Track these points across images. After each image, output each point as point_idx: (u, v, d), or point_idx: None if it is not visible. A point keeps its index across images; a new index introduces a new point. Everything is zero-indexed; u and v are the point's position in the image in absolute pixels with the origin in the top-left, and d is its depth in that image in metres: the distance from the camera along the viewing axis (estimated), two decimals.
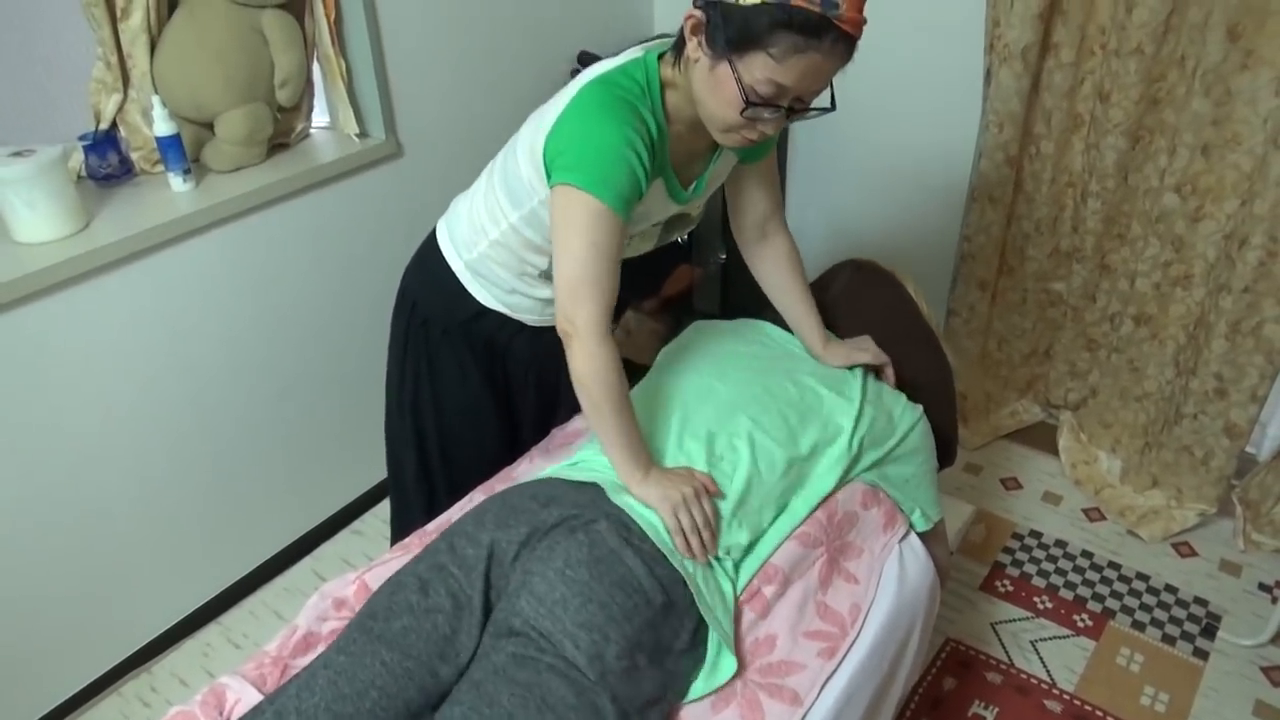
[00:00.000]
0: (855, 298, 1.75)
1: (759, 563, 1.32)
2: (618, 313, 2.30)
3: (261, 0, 1.82)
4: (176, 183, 1.83)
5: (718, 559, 1.28)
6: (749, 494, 1.33)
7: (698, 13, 1.16)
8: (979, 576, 2.17)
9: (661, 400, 1.45)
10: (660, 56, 1.28)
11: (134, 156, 1.88)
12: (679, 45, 1.23)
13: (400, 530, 1.72)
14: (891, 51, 2.42)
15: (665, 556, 1.21)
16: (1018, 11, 2.07)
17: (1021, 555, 2.23)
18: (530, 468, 1.63)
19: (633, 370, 2.41)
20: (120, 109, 1.84)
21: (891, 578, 1.42)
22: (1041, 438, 2.60)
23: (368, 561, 2.23)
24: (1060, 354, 2.54)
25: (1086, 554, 2.23)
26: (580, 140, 1.21)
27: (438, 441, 1.63)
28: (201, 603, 2.09)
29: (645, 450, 1.30)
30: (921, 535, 1.54)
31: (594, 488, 1.28)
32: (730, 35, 1.13)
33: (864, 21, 1.12)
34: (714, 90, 1.18)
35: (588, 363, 1.25)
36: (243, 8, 1.82)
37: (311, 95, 2.06)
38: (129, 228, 1.71)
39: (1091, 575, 2.16)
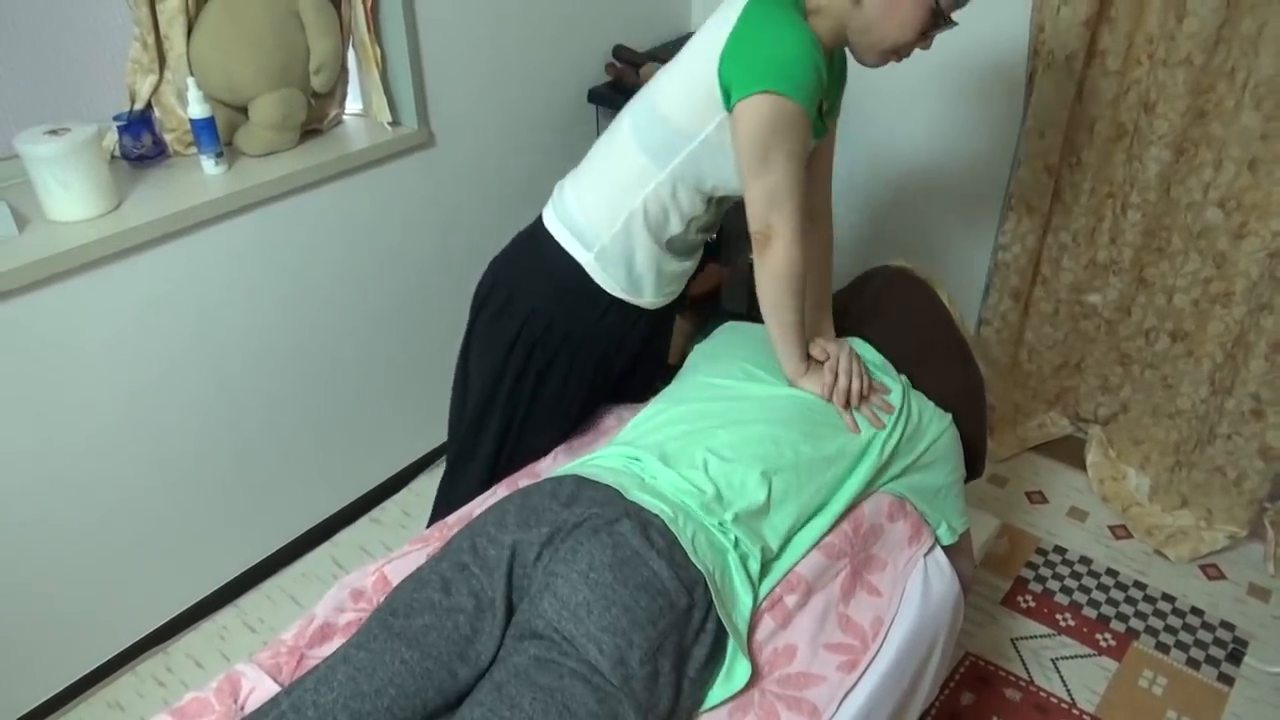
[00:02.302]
0: (888, 303, 1.72)
1: (783, 571, 1.31)
2: None
3: None
4: (208, 165, 1.82)
5: (745, 546, 1.26)
6: (781, 495, 1.31)
7: None
8: (1001, 591, 2.14)
9: (695, 403, 1.44)
10: None
11: (168, 138, 1.88)
12: None
13: (444, 506, 1.71)
14: (931, 53, 2.38)
15: (686, 554, 1.19)
16: (1063, 17, 2.03)
17: (1045, 571, 2.20)
18: (553, 464, 1.62)
19: (664, 370, 2.39)
20: (155, 90, 1.83)
21: (915, 592, 1.40)
22: (1069, 452, 2.56)
23: (386, 550, 2.25)
24: (1092, 367, 2.49)
25: (1111, 572, 2.19)
26: (768, 47, 1.25)
27: (517, 439, 1.62)
28: (219, 585, 2.09)
29: (806, 347, 1.45)
30: (947, 548, 1.52)
31: (610, 488, 1.26)
32: None
33: None
34: (894, 12, 1.28)
35: (785, 262, 1.35)
36: None
37: (346, 82, 2.05)
38: (160, 209, 1.71)
39: (1116, 594, 2.13)
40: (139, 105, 1.83)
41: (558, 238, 1.50)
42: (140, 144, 1.83)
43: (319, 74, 1.90)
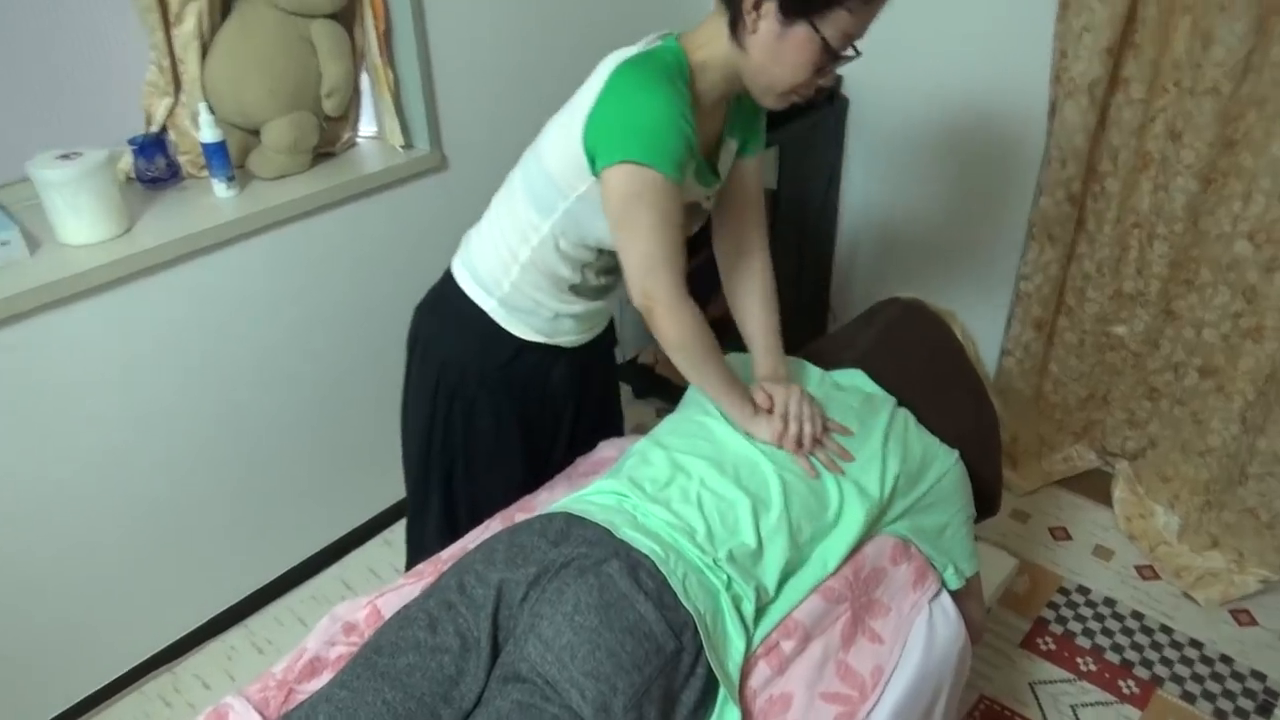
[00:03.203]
0: (899, 337, 1.68)
1: (779, 615, 1.27)
2: None
3: (312, 10, 1.82)
4: (220, 189, 1.83)
5: (738, 586, 1.22)
6: (772, 533, 1.28)
7: None
8: (1020, 632, 2.07)
9: (689, 438, 1.41)
10: (677, 39, 1.30)
11: (182, 160, 1.90)
12: (734, 23, 1.24)
13: (416, 553, 1.69)
14: (953, 79, 2.35)
15: (676, 596, 1.16)
16: (1086, 44, 1.98)
17: (1067, 611, 2.13)
18: (550, 497, 1.59)
19: (671, 392, 2.35)
20: (171, 113, 1.85)
21: (919, 639, 1.35)
22: (1095, 487, 2.49)
23: (396, 573, 2.24)
24: (1119, 400, 2.43)
25: (1137, 615, 2.12)
26: (627, 116, 1.22)
27: (466, 488, 1.60)
28: (228, 605, 2.09)
29: (747, 391, 1.40)
30: (954, 592, 1.47)
31: (601, 527, 1.24)
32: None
33: None
34: (784, 55, 1.22)
35: (677, 328, 1.30)
36: (293, 16, 1.82)
37: (359, 105, 2.06)
38: (170, 233, 1.72)
39: (1141, 638, 2.06)
40: (154, 128, 1.85)
41: (462, 285, 1.49)
42: (154, 166, 1.85)
43: (330, 97, 1.90)
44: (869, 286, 2.83)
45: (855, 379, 1.57)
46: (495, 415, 1.53)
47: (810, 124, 2.46)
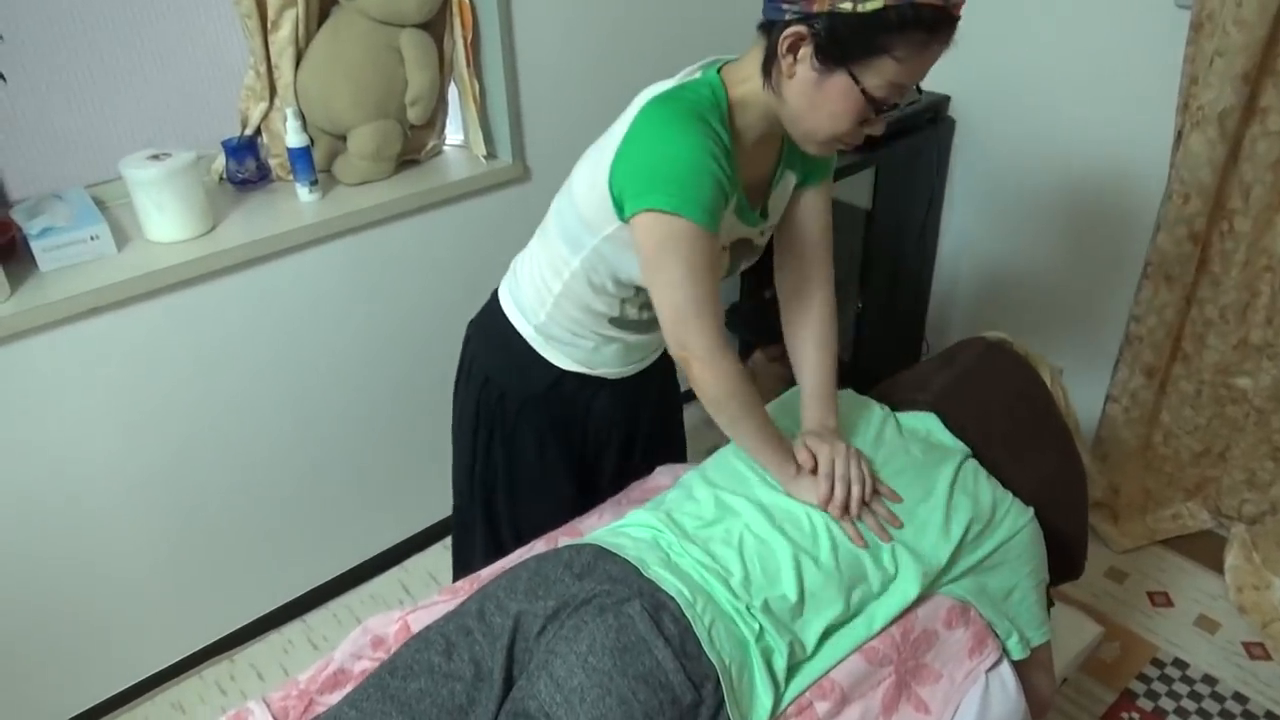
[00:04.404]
0: (979, 379, 1.56)
1: (816, 674, 1.19)
2: (745, 355, 2.18)
3: (401, 19, 1.84)
4: (303, 193, 1.87)
5: (771, 639, 1.15)
6: (818, 588, 1.20)
7: (799, 28, 1.08)
8: (1104, 704, 1.91)
9: (739, 476, 1.34)
10: (719, 71, 1.20)
11: (272, 163, 1.95)
12: (766, 64, 1.14)
13: (461, 570, 1.68)
14: (1068, 102, 2.19)
15: (699, 644, 1.10)
16: (1218, 69, 1.81)
17: (1159, 686, 1.95)
18: (597, 522, 1.55)
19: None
20: (265, 117, 1.90)
21: (971, 712, 1.24)
22: (1205, 550, 2.28)
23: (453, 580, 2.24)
24: (1238, 459, 2.22)
25: (1240, 697, 1.92)
26: (654, 159, 1.14)
27: (508, 512, 1.57)
28: (289, 599, 2.14)
29: (789, 448, 1.30)
30: (1018, 661, 1.35)
31: (628, 564, 1.19)
32: (848, 44, 1.06)
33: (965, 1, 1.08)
34: (822, 103, 1.12)
35: (715, 382, 1.22)
36: (383, 25, 1.84)
37: (445, 113, 2.07)
38: (251, 234, 1.77)
39: None
40: (249, 131, 1.90)
41: (505, 308, 1.46)
42: (244, 168, 1.90)
43: (414, 106, 1.92)
44: (968, 318, 2.68)
45: (927, 423, 1.47)
46: (536, 439, 1.50)
47: (911, 145, 2.35)
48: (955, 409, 1.48)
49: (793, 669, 1.18)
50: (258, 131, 1.92)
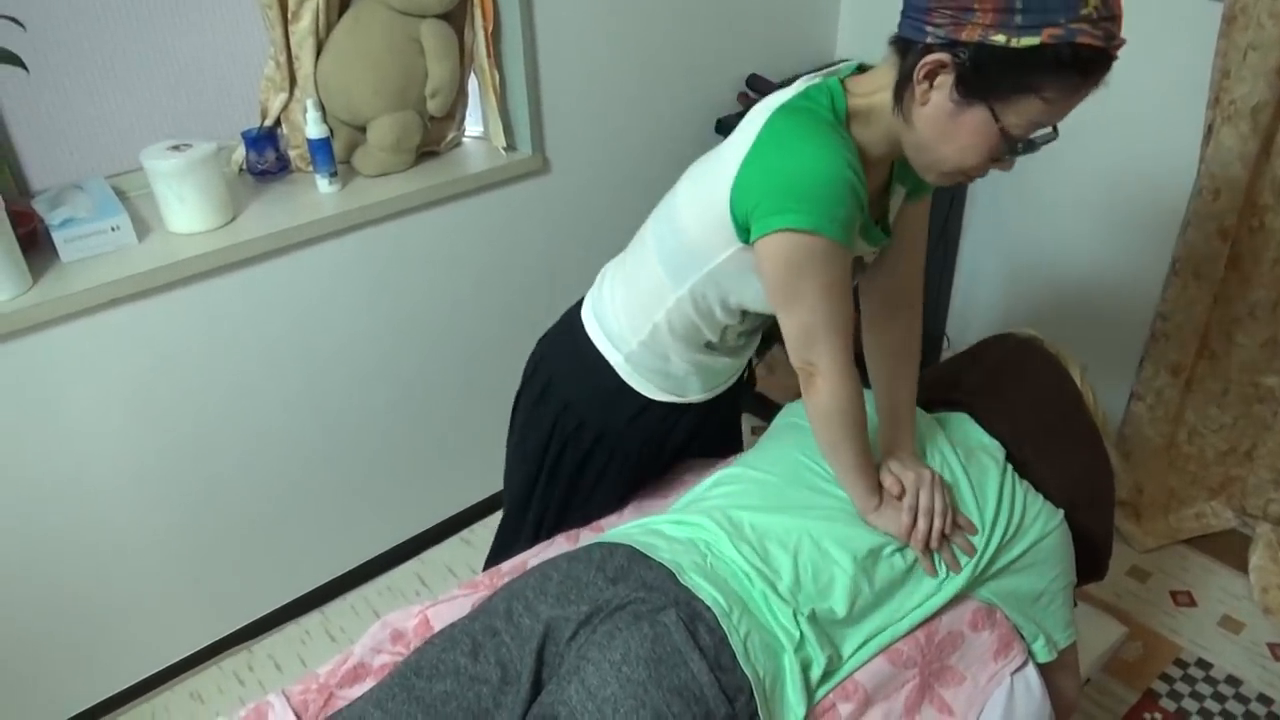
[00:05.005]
0: (1008, 377, 1.53)
1: (840, 676, 1.18)
2: (763, 348, 2.17)
3: (421, 9, 1.82)
4: (322, 184, 1.86)
5: (811, 649, 1.14)
6: (869, 611, 1.20)
7: (941, 55, 1.01)
8: (1126, 704, 1.89)
9: (779, 480, 1.32)
10: (842, 82, 1.14)
11: (292, 154, 1.94)
12: (899, 86, 1.08)
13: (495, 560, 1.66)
14: (1095, 96, 2.16)
15: (734, 656, 1.09)
16: (1252, 64, 1.78)
17: (1182, 687, 1.93)
18: (618, 521, 1.54)
19: (768, 408, 2.26)
20: (285, 107, 1.89)
21: (995, 715, 1.23)
22: (1230, 549, 2.25)
23: (471, 573, 2.24)
24: (1265, 458, 2.19)
25: (1264, 699, 1.90)
26: (787, 175, 1.07)
27: (558, 517, 1.53)
28: (306, 591, 2.14)
29: (878, 480, 1.26)
30: (1044, 664, 1.33)
31: (664, 569, 1.17)
32: (995, 79, 1.00)
33: (1125, 42, 1.01)
34: (955, 135, 1.06)
35: (832, 400, 1.19)
36: (404, 16, 1.83)
37: (465, 105, 2.06)
38: (270, 225, 1.76)
39: None
40: (269, 121, 1.90)
41: (590, 333, 1.39)
42: (264, 159, 1.89)
43: (435, 97, 1.90)
44: (990, 314, 2.65)
45: (964, 425, 1.44)
46: (600, 476, 1.46)
47: None
48: (987, 408, 1.46)
49: (825, 675, 1.17)
50: (277, 122, 1.91)
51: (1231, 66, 1.84)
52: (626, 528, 1.34)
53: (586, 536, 1.49)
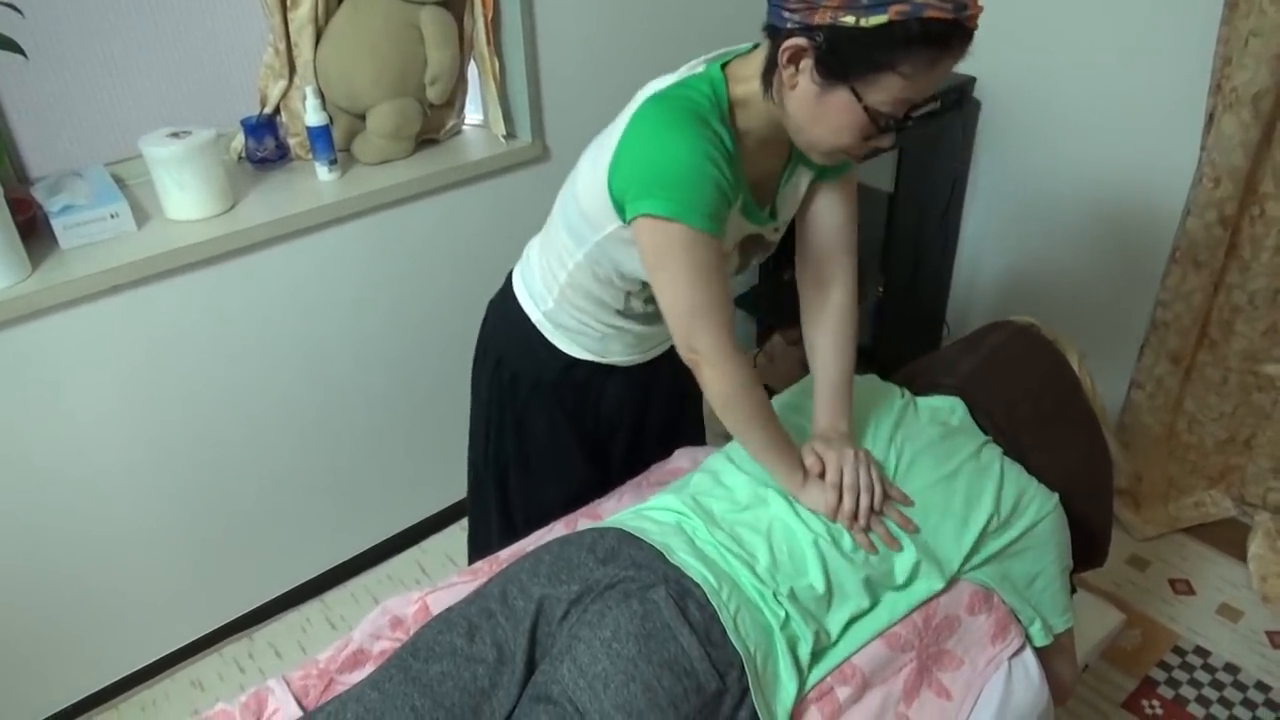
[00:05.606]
0: (1005, 363, 1.54)
1: (837, 659, 1.18)
2: (763, 337, 2.17)
3: None
4: (322, 172, 1.86)
5: (796, 627, 1.14)
6: (845, 585, 1.20)
7: (799, 40, 1.03)
8: (1124, 691, 1.90)
9: (748, 464, 1.33)
10: (723, 67, 1.16)
11: (291, 142, 1.94)
12: (766, 73, 1.10)
13: (477, 552, 1.68)
14: (1097, 84, 2.16)
15: (724, 632, 1.09)
16: (1254, 50, 1.78)
17: (1180, 674, 1.94)
18: (616, 505, 1.54)
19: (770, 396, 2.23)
20: (285, 95, 1.89)
21: (993, 699, 1.23)
22: (1228, 538, 2.26)
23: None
24: (1264, 447, 2.19)
25: (1262, 686, 1.90)
26: (650, 163, 1.11)
27: (521, 493, 1.57)
28: (307, 579, 2.15)
29: (797, 455, 1.26)
30: (1041, 649, 1.34)
31: (653, 549, 1.18)
32: (851, 60, 1.02)
33: (981, 10, 1.01)
34: (824, 117, 1.07)
35: (722, 383, 1.19)
36: (403, 3, 1.82)
37: (464, 92, 2.05)
38: (270, 213, 1.76)
39: (1265, 714, 1.84)
40: (268, 109, 1.89)
41: (516, 292, 1.45)
42: (263, 147, 1.89)
43: (434, 85, 1.90)
44: (990, 303, 2.65)
45: (951, 405, 1.45)
46: (548, 422, 1.49)
47: (935, 127, 2.32)
48: (982, 393, 1.46)
49: (816, 655, 1.17)
50: (277, 110, 1.91)
51: (1233, 53, 1.83)
52: (619, 514, 1.35)
53: (583, 523, 1.50)
